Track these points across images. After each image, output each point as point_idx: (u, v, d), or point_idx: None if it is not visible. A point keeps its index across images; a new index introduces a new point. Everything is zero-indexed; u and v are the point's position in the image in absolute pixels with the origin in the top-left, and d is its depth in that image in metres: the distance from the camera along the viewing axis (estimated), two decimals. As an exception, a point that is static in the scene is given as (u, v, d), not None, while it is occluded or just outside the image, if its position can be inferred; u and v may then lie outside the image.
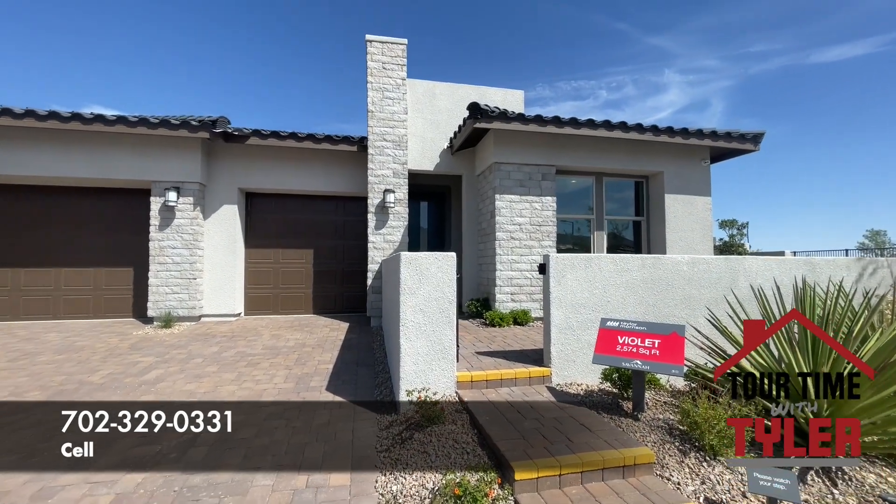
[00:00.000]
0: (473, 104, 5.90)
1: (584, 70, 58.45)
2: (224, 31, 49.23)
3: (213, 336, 6.01)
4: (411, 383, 3.37)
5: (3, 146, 6.33)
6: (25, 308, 6.98)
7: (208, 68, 67.72)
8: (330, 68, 62.91)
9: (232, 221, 7.27)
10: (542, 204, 6.61)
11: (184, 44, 53.59)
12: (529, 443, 2.62)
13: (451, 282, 3.51)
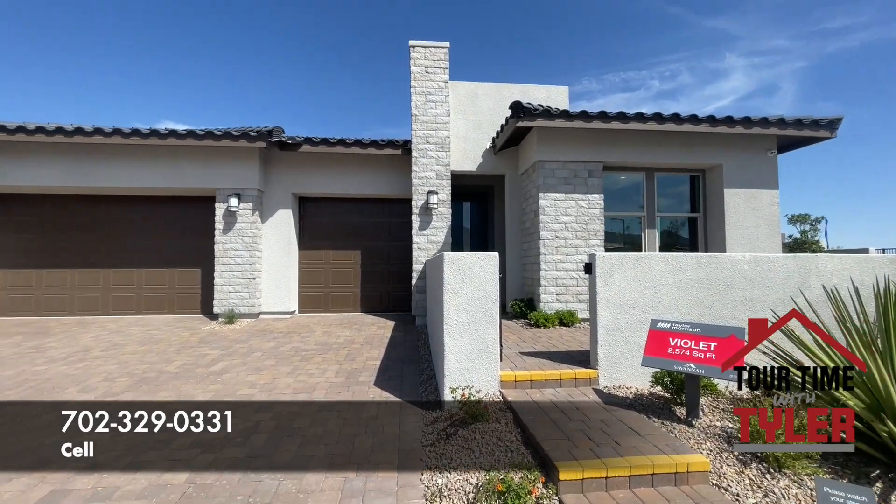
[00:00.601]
0: (516, 103, 5.87)
1: (634, 60, 55.21)
2: (266, 41, 51.88)
3: (271, 332, 6.43)
4: (455, 381, 3.43)
5: (94, 161, 7.16)
6: (114, 304, 7.85)
7: (254, 78, 71.90)
8: (372, 73, 64.45)
9: (286, 225, 7.73)
10: (589, 202, 6.43)
11: (231, 57, 57.08)
12: (574, 444, 2.58)
13: (494, 281, 3.53)
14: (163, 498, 2.35)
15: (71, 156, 7.12)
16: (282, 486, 2.48)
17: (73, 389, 3.98)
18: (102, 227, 7.94)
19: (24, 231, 7.86)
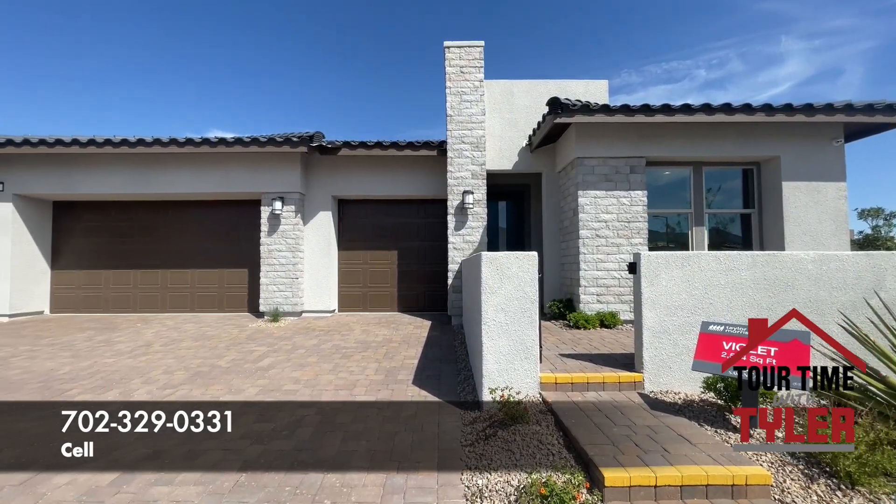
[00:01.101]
0: (553, 99, 5.74)
1: (677, 49, 51.96)
2: (302, 51, 54.19)
3: (313, 330, 6.66)
4: (494, 381, 3.40)
5: (153, 170, 7.71)
6: (171, 302, 8.42)
7: (293, 87, 75.19)
8: (406, 77, 65.25)
9: (327, 226, 7.99)
10: (631, 199, 6.18)
11: (269, 67, 60.15)
12: (620, 449, 2.49)
13: (533, 281, 3.47)
14: (218, 485, 2.48)
15: (132, 165, 7.70)
16: (326, 479, 2.55)
17: (137, 381, 4.30)
18: (160, 230, 8.54)
19: (93, 235, 8.59)
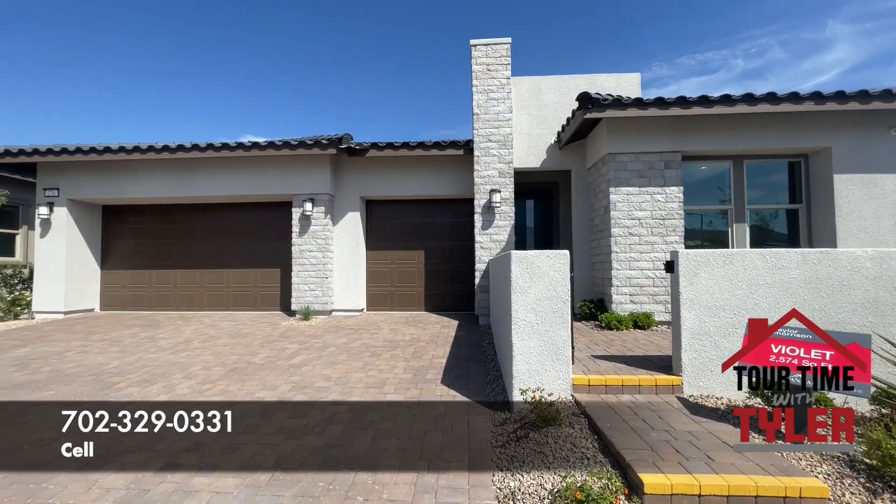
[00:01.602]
0: (583, 94, 5.60)
1: (713, 38, 46.67)
2: (330, 55, 54.47)
3: (342, 329, 6.77)
4: (524, 382, 3.34)
5: (192, 174, 8.06)
6: (208, 301, 8.78)
7: (325, 90, 75.97)
8: (431, 77, 64.43)
9: (355, 227, 8.11)
10: (666, 195, 5.94)
11: (298, 68, 60.71)
12: (660, 455, 2.38)
13: (565, 280, 3.39)
14: (254, 478, 2.55)
15: (173, 170, 8.08)
16: (358, 476, 2.57)
17: (178, 375, 4.49)
18: (198, 232, 8.91)
19: (138, 237, 9.06)
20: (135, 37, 30.02)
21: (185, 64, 34.21)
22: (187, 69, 34.59)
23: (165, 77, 34.74)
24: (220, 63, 34.17)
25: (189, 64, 34.23)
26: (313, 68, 36.00)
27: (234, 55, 33.66)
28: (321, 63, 35.66)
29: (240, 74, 35.73)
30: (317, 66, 35.69)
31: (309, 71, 36.41)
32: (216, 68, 34.78)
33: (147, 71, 34.06)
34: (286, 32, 32.89)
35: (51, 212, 8.17)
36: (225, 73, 35.25)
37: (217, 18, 29.69)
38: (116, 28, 28.57)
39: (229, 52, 33.18)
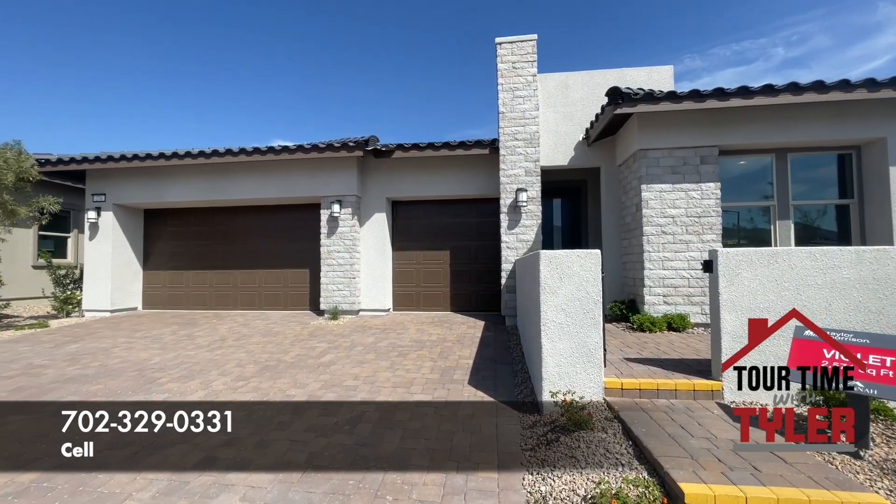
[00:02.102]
0: (613, 89, 5.44)
1: (750, 27, 43.24)
2: (356, 60, 54.90)
3: (369, 328, 6.85)
4: (554, 385, 3.27)
5: (225, 178, 8.36)
6: (241, 301, 9.08)
7: (352, 93, 76.53)
8: (454, 77, 63.79)
9: (381, 227, 8.19)
10: (702, 192, 5.69)
11: (323, 71, 61.36)
12: (700, 464, 2.27)
13: (596, 280, 3.29)
14: (287, 474, 2.60)
15: (208, 175, 8.40)
16: (387, 475, 2.58)
17: (214, 372, 4.65)
18: (231, 234, 9.24)
19: (176, 239, 9.49)
20: (135, 36, 31.05)
21: (201, 65, 35.50)
22: (203, 70, 35.88)
23: (171, 78, 36.03)
24: (221, 63, 35.16)
25: (206, 65, 35.49)
26: (315, 68, 36.70)
27: (234, 55, 34.68)
28: (322, 62, 36.28)
29: (240, 74, 36.81)
30: (318, 66, 36.37)
31: (310, 71, 37.14)
32: (218, 68, 35.87)
33: (147, 71, 35.35)
34: (286, 32, 33.65)
35: (98, 216, 8.66)
36: (226, 74, 36.29)
37: (218, 19, 30.49)
38: (116, 28, 29.55)
39: (230, 52, 34.18)
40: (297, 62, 36.91)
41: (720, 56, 34.59)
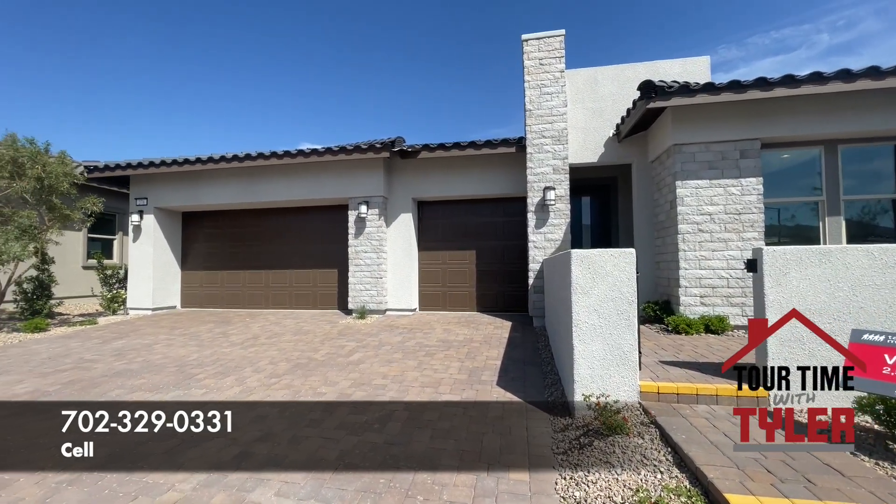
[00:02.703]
0: (646, 82, 5.25)
1: (791, 14, 39.25)
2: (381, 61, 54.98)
3: (396, 328, 6.90)
4: (586, 387, 3.18)
5: (257, 181, 8.63)
6: (273, 300, 9.35)
7: (376, 95, 76.86)
8: (478, 77, 62.59)
9: (407, 228, 8.24)
10: (742, 187, 5.42)
11: (351, 74, 61.72)
12: (748, 475, 2.14)
13: (630, 281, 3.18)
14: (319, 472, 2.63)
15: (241, 178, 8.70)
16: (418, 475, 2.57)
17: (248, 369, 4.80)
18: (263, 235, 9.52)
19: (211, 241, 9.87)
20: (137, 37, 31.90)
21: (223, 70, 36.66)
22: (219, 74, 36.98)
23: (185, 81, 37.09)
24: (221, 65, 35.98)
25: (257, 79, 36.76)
26: (367, 73, 37.30)
27: (236, 56, 35.47)
28: (373, 69, 36.85)
29: (241, 75, 37.69)
30: (370, 72, 36.96)
31: (362, 77, 37.78)
32: (218, 69, 36.71)
33: (149, 72, 36.47)
34: (286, 33, 34.20)
35: (141, 219, 9.12)
36: (228, 75, 37.16)
37: (222, 19, 31.05)
38: (116, 28, 30.29)
39: (231, 53, 34.92)
40: (319, 66, 37.76)
41: (758, 45, 32.94)
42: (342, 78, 38.56)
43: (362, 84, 39.48)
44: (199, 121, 48.21)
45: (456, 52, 34.77)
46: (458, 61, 35.77)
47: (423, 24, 32.25)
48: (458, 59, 35.40)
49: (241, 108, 45.59)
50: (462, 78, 37.52)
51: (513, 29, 34.31)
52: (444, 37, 33.42)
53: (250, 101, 44.02)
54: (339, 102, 43.16)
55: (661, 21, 30.03)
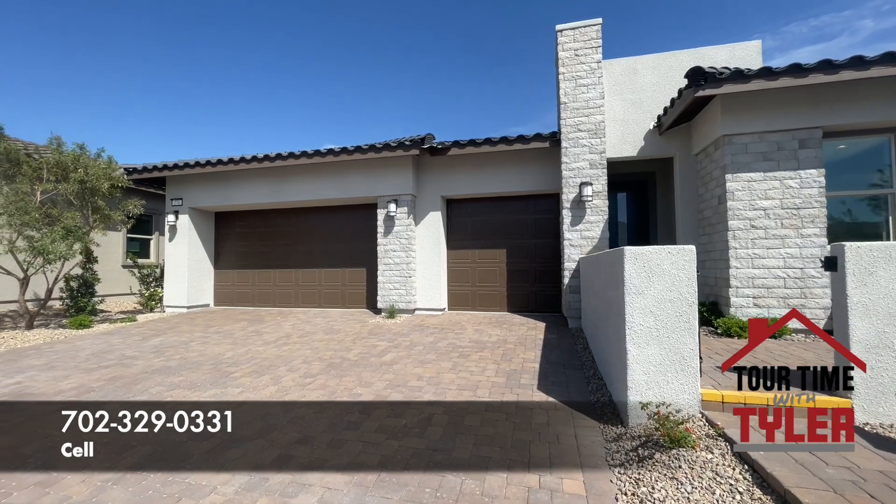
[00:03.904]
0: (695, 68, 4.92)
1: (830, 0, 35.73)
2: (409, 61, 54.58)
3: (427, 327, 6.78)
4: (642, 394, 2.96)
5: (286, 180, 8.69)
6: (303, 299, 9.41)
7: (405, 95, 76.45)
8: (505, 74, 61.04)
9: (436, 226, 8.11)
10: (801, 180, 5.02)
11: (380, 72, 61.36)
12: (848, 499, 1.89)
13: (690, 280, 2.94)
14: (361, 477, 2.52)
15: (270, 178, 8.78)
16: (465, 484, 2.42)
17: (283, 368, 4.77)
18: (292, 234, 9.60)
19: (242, 240, 10.03)
20: (139, 38, 32.25)
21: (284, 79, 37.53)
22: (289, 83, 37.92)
23: None
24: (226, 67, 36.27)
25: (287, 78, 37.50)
26: (394, 72, 37.36)
27: (239, 56, 35.74)
28: (400, 68, 36.95)
29: (247, 76, 37.91)
30: (397, 71, 37.04)
31: (391, 76, 37.88)
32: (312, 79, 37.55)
33: (151, 73, 37.08)
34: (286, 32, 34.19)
35: (177, 219, 9.35)
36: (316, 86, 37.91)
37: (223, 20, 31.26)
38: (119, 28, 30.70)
39: (235, 53, 35.23)
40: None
41: (795, 34, 31.19)
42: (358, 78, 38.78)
43: (362, 84, 39.68)
44: (225, 124, 49.73)
45: (473, 49, 34.40)
46: (475, 60, 35.39)
47: (433, 22, 32.03)
48: (475, 57, 35.02)
49: (259, 108, 46.83)
50: (478, 78, 37.14)
51: (532, 27, 33.71)
52: (456, 35, 33.15)
53: (264, 103, 45.21)
54: (348, 105, 43.56)
55: (686, 12, 28.86)
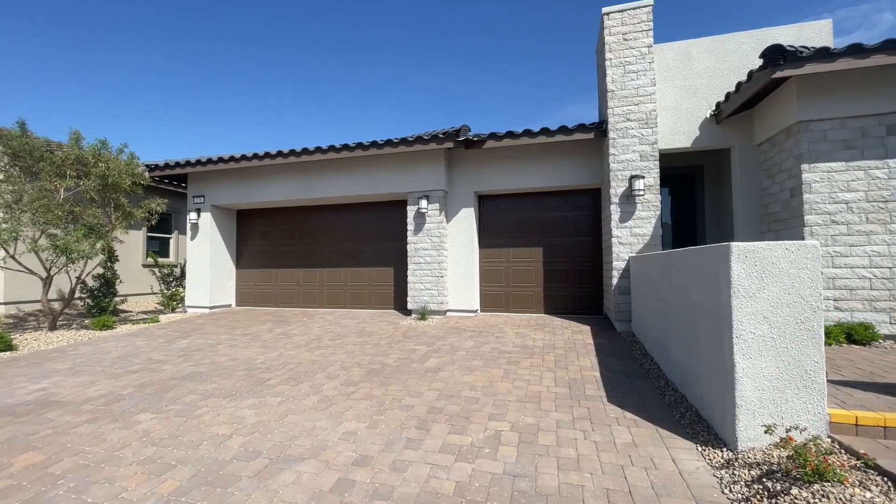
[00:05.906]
0: (773, 46, 4.45)
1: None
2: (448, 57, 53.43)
3: (463, 330, 6.40)
4: (754, 414, 2.54)
5: (312, 177, 8.38)
6: (328, 299, 9.11)
7: (438, 86, 73.38)
8: (542, 65, 58.00)
9: (468, 223, 7.73)
10: (890, 170, 4.53)
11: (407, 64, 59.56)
12: None
13: (814, 281, 2.52)
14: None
15: (296, 174, 8.48)
16: (566, 524, 2.04)
17: (321, 375, 4.43)
18: (317, 233, 9.30)
19: (265, 238, 9.76)
20: (140, 32, 31.79)
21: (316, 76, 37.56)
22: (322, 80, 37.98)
23: None
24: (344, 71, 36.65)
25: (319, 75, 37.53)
26: (429, 62, 37.03)
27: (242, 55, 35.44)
28: (433, 60, 36.51)
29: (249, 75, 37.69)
30: (431, 61, 36.66)
31: (426, 65, 37.51)
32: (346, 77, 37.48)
33: (152, 72, 36.87)
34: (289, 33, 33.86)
35: (198, 217, 9.11)
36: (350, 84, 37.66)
37: None
38: (118, 28, 29.73)
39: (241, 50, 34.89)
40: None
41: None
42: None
43: (364, 85, 39.48)
44: (256, 119, 50.24)
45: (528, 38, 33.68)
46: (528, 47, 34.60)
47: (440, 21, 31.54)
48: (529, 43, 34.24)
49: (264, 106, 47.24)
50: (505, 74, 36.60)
51: (549, 22, 33.02)
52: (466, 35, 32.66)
53: (263, 101, 45.62)
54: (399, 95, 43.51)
55: (692, 5, 28.00)
